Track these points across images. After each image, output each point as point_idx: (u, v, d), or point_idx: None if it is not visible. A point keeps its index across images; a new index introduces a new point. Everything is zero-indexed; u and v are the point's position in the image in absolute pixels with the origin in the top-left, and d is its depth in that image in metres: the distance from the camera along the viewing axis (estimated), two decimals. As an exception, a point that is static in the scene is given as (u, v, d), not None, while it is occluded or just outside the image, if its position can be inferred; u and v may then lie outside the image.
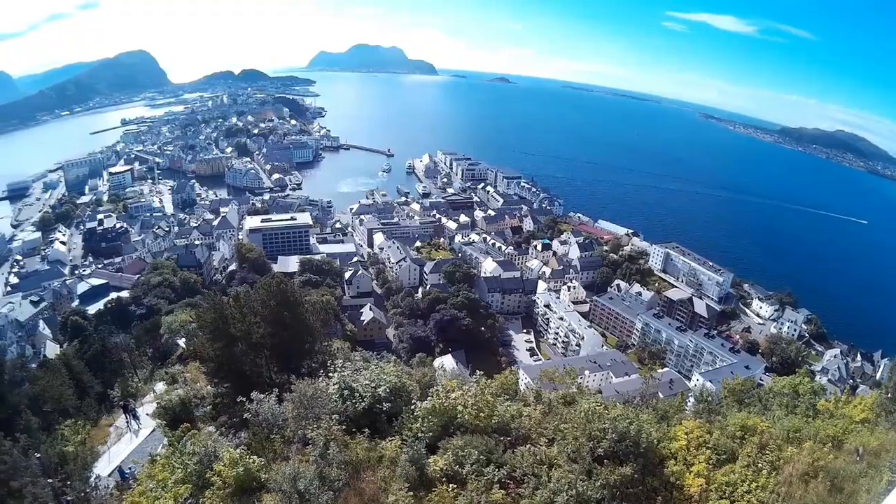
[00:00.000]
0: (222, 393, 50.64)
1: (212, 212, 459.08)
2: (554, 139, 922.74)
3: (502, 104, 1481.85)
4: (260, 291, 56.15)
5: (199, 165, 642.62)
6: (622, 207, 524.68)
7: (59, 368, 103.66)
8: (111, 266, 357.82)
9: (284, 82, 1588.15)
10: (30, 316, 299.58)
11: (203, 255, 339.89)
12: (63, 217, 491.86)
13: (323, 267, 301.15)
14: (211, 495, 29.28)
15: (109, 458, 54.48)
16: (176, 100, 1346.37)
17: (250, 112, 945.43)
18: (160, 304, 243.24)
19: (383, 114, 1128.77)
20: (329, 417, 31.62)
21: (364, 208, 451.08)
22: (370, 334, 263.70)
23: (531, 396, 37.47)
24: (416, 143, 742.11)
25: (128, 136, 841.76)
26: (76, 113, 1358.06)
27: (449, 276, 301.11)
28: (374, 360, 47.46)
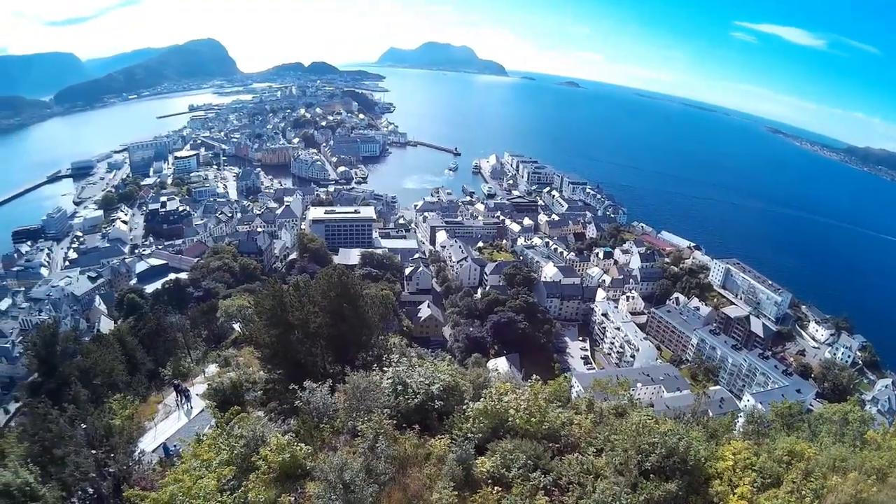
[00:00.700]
0: (275, 379, 51.18)
1: (276, 200, 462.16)
2: (621, 147, 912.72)
3: (570, 108, 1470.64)
4: (321, 282, 56.36)
5: (266, 154, 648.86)
6: (686, 219, 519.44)
7: (112, 343, 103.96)
8: (171, 248, 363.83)
9: (354, 76, 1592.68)
10: (86, 291, 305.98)
11: (264, 242, 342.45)
12: (126, 197, 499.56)
13: (384, 262, 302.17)
14: (255, 479, 29.42)
15: (155, 434, 55.40)
16: (244, 89, 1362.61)
17: (319, 104, 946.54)
18: (218, 287, 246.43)
19: (452, 112, 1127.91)
20: (380, 411, 31.58)
21: (428, 206, 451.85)
22: (426, 331, 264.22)
23: (583, 405, 36.98)
24: (483, 144, 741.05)
25: (195, 121, 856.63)
26: (144, 97, 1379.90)
27: (509, 278, 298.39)
28: (428, 358, 47.21)
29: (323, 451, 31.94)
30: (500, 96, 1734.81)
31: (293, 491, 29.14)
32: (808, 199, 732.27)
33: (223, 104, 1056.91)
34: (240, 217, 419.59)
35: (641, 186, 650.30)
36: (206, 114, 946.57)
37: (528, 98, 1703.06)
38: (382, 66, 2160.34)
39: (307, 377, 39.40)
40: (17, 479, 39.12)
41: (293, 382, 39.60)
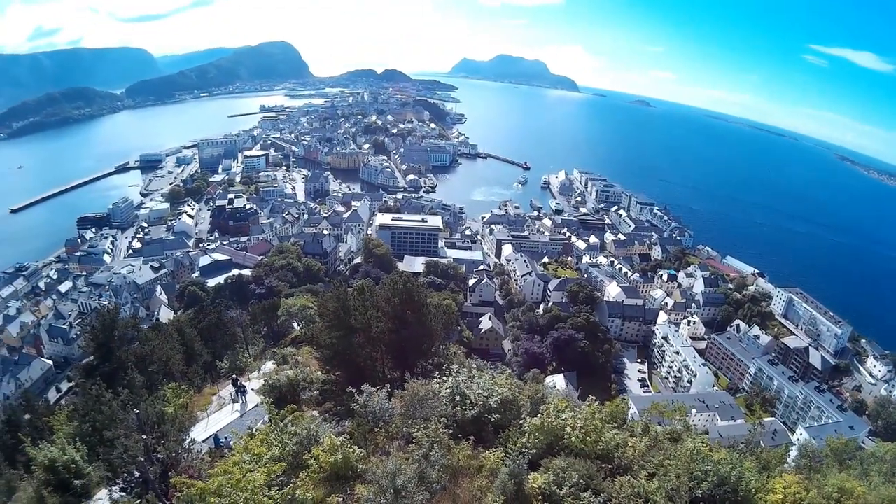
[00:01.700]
0: (332, 380, 51.94)
1: (343, 204, 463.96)
2: (689, 168, 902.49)
3: (641, 127, 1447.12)
4: (385, 287, 57.36)
5: (335, 158, 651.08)
6: (751, 245, 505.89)
7: (170, 333, 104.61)
8: (236, 244, 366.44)
9: (426, 85, 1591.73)
10: (148, 280, 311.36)
11: (330, 244, 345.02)
12: (193, 192, 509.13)
13: (448, 271, 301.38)
14: (305, 477, 29.66)
15: (207, 425, 55.65)
16: (316, 92, 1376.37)
17: (390, 111, 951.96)
18: (281, 286, 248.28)
19: (523, 126, 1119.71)
20: (437, 420, 31.71)
21: (495, 218, 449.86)
22: (486, 343, 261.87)
23: (638, 427, 36.71)
24: (553, 159, 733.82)
25: (266, 122, 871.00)
26: (215, 95, 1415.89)
27: (572, 295, 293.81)
28: (487, 370, 46.74)
29: (376, 456, 32.05)
30: (570, 112, 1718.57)
31: (342, 492, 29.43)
32: (874, 230, 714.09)
33: (295, 107, 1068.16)
34: (306, 218, 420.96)
35: (708, 209, 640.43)
36: (278, 115, 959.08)
37: (599, 115, 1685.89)
38: (455, 77, 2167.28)
39: (366, 381, 40.00)
40: (63, 455, 40.24)
41: (351, 385, 39.88)
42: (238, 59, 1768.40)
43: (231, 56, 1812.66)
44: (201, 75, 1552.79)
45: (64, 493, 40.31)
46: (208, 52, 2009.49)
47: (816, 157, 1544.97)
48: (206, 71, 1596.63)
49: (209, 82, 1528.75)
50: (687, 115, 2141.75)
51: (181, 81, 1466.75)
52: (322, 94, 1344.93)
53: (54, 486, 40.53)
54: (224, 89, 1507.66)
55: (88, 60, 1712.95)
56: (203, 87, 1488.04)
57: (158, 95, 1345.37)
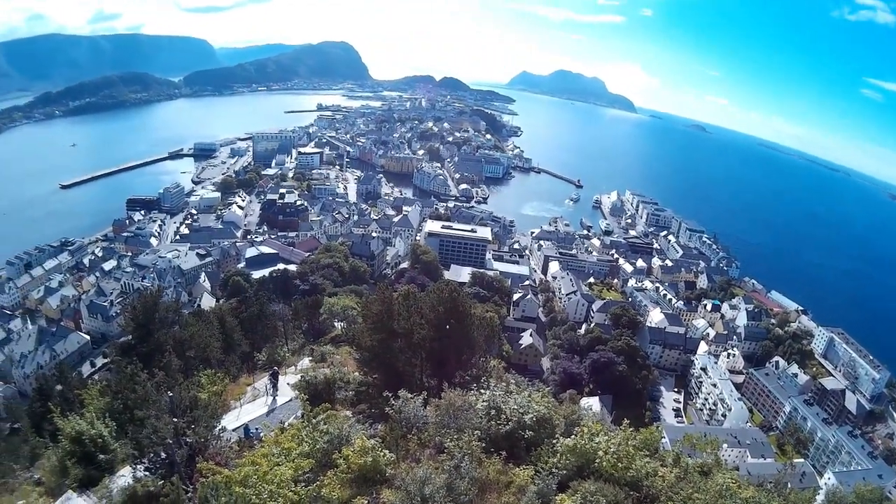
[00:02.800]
0: (369, 383, 52.24)
1: (394, 208, 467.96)
2: (741, 197, 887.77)
3: (695, 152, 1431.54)
4: (431, 295, 57.44)
5: (389, 162, 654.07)
6: (797, 281, 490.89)
7: (211, 320, 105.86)
8: (284, 239, 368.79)
9: (484, 96, 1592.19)
10: (193, 266, 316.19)
11: (378, 247, 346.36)
12: (245, 184, 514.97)
13: (493, 284, 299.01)
14: (332, 476, 29.51)
15: (239, 415, 56.36)
16: (374, 95, 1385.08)
17: (447, 119, 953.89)
18: (325, 284, 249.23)
19: (578, 143, 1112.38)
20: (471, 432, 31.51)
21: (545, 234, 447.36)
22: (525, 360, 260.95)
23: (669, 458, 36.43)
24: (606, 179, 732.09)
25: (322, 120, 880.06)
26: (273, 90, 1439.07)
27: (615, 318, 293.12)
28: (524, 386, 46.56)
29: (406, 462, 32.12)
30: (626, 132, 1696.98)
31: (368, 495, 29.11)
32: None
33: (352, 107, 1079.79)
34: (356, 219, 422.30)
35: (757, 241, 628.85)
36: (335, 114, 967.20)
37: (655, 137, 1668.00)
38: (513, 89, 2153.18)
39: (403, 386, 39.86)
40: (91, 429, 40.98)
41: (388, 389, 39.83)
42: (298, 57, 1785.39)
43: (291, 53, 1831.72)
44: (260, 69, 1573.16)
45: (87, 465, 40.69)
46: (268, 46, 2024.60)
47: (868, 195, 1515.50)
48: (264, 65, 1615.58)
49: (267, 77, 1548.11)
50: (741, 143, 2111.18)
51: (239, 74, 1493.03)
52: (380, 96, 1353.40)
53: (78, 458, 40.96)
54: (282, 85, 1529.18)
55: (147, 46, 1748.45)
56: (261, 81, 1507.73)
57: (216, 86, 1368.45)
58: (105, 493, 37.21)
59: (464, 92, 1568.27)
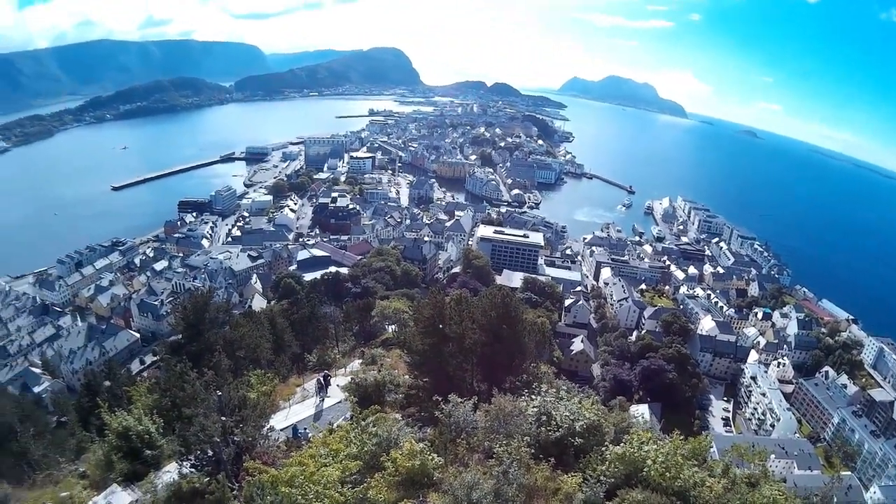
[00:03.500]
0: (419, 386, 52.49)
1: (446, 213, 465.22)
2: (792, 204, 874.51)
3: (746, 159, 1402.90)
4: (483, 300, 57.96)
5: (441, 167, 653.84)
6: (848, 289, 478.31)
7: (262, 321, 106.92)
8: (336, 242, 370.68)
9: (536, 101, 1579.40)
10: (245, 268, 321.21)
11: (430, 251, 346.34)
12: (297, 187, 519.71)
13: (545, 289, 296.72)
14: (379, 478, 29.53)
15: (288, 415, 56.97)
16: (425, 100, 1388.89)
17: (498, 125, 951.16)
18: (377, 287, 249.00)
19: (630, 149, 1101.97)
20: (521, 438, 31.45)
21: (597, 240, 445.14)
22: (575, 366, 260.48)
23: (718, 468, 36.06)
24: (658, 185, 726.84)
25: (374, 125, 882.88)
26: (325, 96, 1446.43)
27: (666, 325, 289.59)
28: (575, 393, 46.43)
29: (454, 466, 31.91)
30: (677, 138, 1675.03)
31: (415, 498, 29.17)
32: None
33: (403, 112, 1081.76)
34: (408, 224, 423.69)
35: (808, 248, 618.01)
36: (386, 119, 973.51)
37: (706, 143, 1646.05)
38: (564, 95, 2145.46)
39: (453, 390, 39.98)
40: (138, 425, 41.94)
41: (438, 393, 40.02)
42: (349, 63, 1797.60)
43: (341, 59, 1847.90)
44: (311, 75, 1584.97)
45: (133, 460, 41.54)
46: (318, 52, 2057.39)
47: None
48: (315, 71, 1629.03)
49: (318, 82, 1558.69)
50: (792, 149, 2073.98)
51: (290, 79, 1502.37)
52: (431, 102, 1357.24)
53: (124, 453, 41.83)
54: (333, 90, 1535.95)
55: (198, 52, 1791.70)
56: (312, 86, 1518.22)
57: (267, 91, 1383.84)
58: (150, 487, 37.64)
59: (515, 97, 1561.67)
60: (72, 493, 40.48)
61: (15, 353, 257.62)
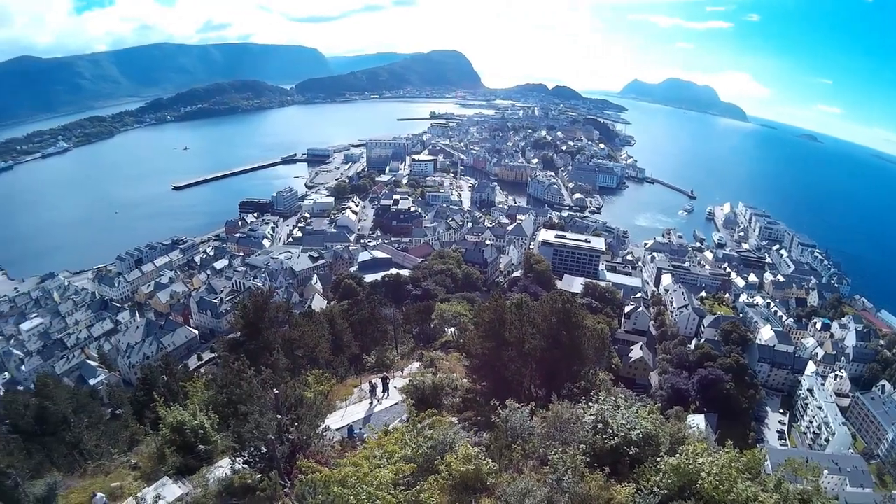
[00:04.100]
0: (477, 390, 52.93)
1: (508, 216, 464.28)
2: (853, 210, 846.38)
3: (807, 163, 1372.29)
4: (544, 305, 57.59)
5: (503, 170, 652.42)
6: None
7: (321, 321, 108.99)
8: (397, 244, 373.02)
9: (597, 105, 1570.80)
10: (305, 268, 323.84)
11: (491, 255, 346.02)
12: (359, 189, 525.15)
13: (606, 295, 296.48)
14: (433, 482, 29.45)
15: (344, 415, 57.13)
16: (487, 103, 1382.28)
17: (560, 128, 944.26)
18: (438, 290, 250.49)
19: (690, 153, 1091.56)
20: (576, 446, 31.36)
21: (658, 246, 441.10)
22: (633, 373, 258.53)
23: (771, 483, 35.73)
24: (719, 190, 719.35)
25: (435, 128, 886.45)
26: (385, 98, 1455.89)
27: (725, 334, 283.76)
28: (632, 401, 46.47)
29: (508, 472, 31.92)
30: (738, 142, 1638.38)
31: (467, 502, 29.29)
32: None
33: (465, 115, 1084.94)
34: (470, 227, 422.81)
35: (868, 257, 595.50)
36: (448, 122, 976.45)
37: (767, 147, 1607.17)
38: (625, 98, 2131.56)
39: (511, 395, 39.99)
40: (193, 420, 42.82)
41: (495, 397, 40.23)
42: (409, 65, 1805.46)
43: (402, 61, 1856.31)
44: (372, 77, 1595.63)
45: (186, 454, 42.48)
46: (379, 55, 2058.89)
47: None
48: (377, 74, 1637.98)
49: (379, 85, 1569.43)
50: (853, 154, 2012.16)
51: (351, 82, 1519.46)
52: (492, 105, 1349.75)
53: (178, 447, 42.83)
54: (394, 93, 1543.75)
55: (258, 55, 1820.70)
56: (373, 89, 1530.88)
57: (328, 93, 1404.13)
58: (201, 481, 38.66)
59: (576, 100, 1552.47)
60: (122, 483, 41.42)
61: (72, 345, 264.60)
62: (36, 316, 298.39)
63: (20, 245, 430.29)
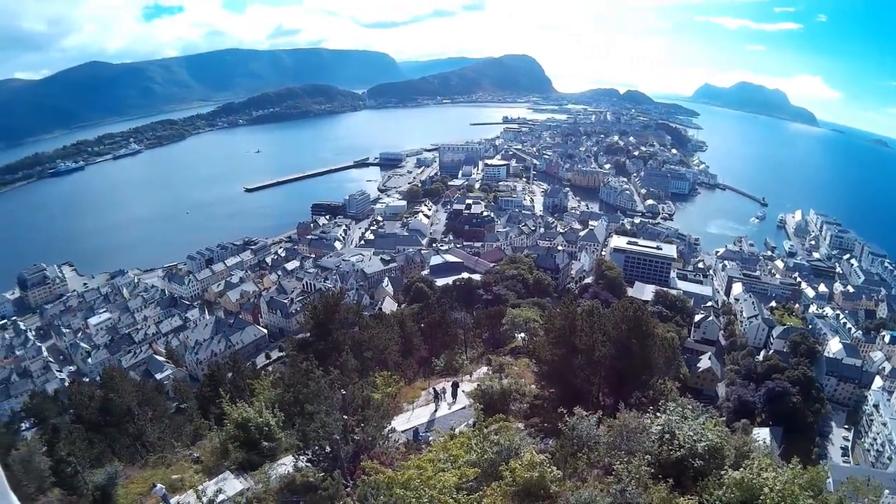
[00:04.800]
0: (545, 396, 52.55)
1: (580, 222, 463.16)
2: None
3: (877, 170, 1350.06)
4: (615, 312, 57.05)
5: (576, 175, 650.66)
6: None
7: (391, 324, 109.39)
8: (469, 248, 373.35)
9: (668, 109, 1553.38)
10: (377, 271, 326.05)
11: (563, 261, 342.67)
12: (431, 193, 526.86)
13: (676, 303, 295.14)
14: (496, 487, 29.59)
15: (410, 417, 57.56)
16: (559, 108, 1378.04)
17: (632, 133, 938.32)
18: (509, 295, 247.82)
19: (761, 159, 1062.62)
20: (642, 456, 31.20)
21: (729, 254, 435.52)
22: (701, 383, 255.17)
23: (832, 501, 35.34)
24: (790, 197, 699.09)
25: (508, 133, 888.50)
26: (457, 103, 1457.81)
27: (794, 346, 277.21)
28: (700, 412, 46.44)
29: (571, 480, 31.77)
30: (809, 147, 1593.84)
31: (530, 509, 28.84)
32: None
33: (537, 120, 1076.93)
34: (542, 232, 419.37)
35: None
36: (520, 127, 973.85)
37: (836, 153, 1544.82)
38: (697, 102, 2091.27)
39: (579, 403, 39.85)
40: (258, 417, 43.57)
41: (563, 404, 39.92)
42: (481, 70, 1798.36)
43: (473, 66, 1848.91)
44: (443, 82, 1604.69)
45: (249, 450, 43.18)
46: (450, 60, 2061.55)
47: None
48: (448, 78, 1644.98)
49: (451, 90, 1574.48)
50: None
51: (423, 87, 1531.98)
52: (564, 109, 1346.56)
53: (241, 443, 43.59)
54: (466, 97, 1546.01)
55: (328, 60, 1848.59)
56: (445, 93, 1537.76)
57: (400, 98, 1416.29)
58: (263, 477, 39.07)
59: (648, 105, 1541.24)
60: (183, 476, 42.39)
61: (140, 340, 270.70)
62: (105, 311, 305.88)
63: (90, 242, 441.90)
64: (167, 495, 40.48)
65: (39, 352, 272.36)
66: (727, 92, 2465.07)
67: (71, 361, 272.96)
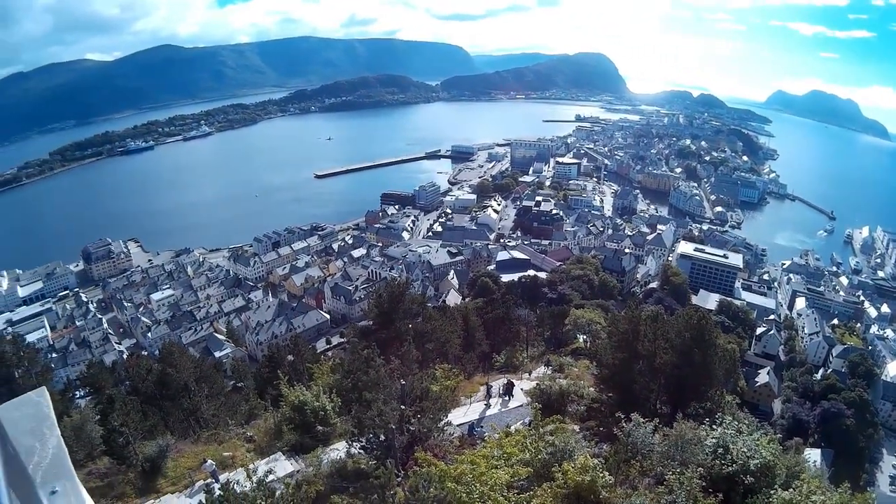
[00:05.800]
0: (603, 400, 52.61)
1: (649, 226, 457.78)
2: None
3: None
4: (679, 320, 56.89)
5: (646, 178, 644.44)
6: None
7: (455, 317, 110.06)
8: (537, 246, 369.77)
9: (741, 115, 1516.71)
10: (443, 263, 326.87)
11: (629, 264, 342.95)
12: (501, 188, 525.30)
13: (739, 314, 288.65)
14: (547, 488, 29.49)
15: (467, 412, 58.21)
16: (632, 108, 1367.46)
17: (704, 138, 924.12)
18: (573, 295, 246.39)
19: (831, 171, 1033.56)
20: (695, 468, 30.99)
21: (795, 267, 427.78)
22: (757, 398, 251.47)
23: (878, 530, 35.06)
24: (858, 211, 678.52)
25: (580, 131, 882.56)
26: (531, 98, 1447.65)
27: (852, 366, 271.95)
28: (754, 427, 46.29)
29: (622, 487, 31.71)
30: (880, 162, 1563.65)
31: (579, 514, 28.93)
32: None
33: (610, 120, 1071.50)
34: (610, 234, 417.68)
35: None
36: (593, 126, 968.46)
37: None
38: (769, 109, 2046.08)
39: (636, 409, 39.79)
40: (315, 401, 44.33)
41: (621, 409, 39.86)
42: (555, 66, 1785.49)
43: (547, 62, 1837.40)
44: (518, 77, 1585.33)
45: (303, 433, 43.94)
46: (524, 55, 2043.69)
47: None
48: (522, 74, 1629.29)
49: (525, 85, 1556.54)
50: None
51: (496, 81, 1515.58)
52: (637, 110, 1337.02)
53: (296, 425, 44.45)
54: (539, 94, 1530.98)
55: (403, 51, 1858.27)
56: (518, 88, 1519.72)
57: (473, 91, 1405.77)
58: (314, 461, 39.98)
59: (720, 110, 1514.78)
60: (235, 454, 43.02)
61: (201, 318, 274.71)
62: (168, 288, 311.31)
63: (157, 220, 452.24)
64: (216, 471, 41.39)
65: (100, 323, 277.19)
66: (800, 100, 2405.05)
67: (131, 335, 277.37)
